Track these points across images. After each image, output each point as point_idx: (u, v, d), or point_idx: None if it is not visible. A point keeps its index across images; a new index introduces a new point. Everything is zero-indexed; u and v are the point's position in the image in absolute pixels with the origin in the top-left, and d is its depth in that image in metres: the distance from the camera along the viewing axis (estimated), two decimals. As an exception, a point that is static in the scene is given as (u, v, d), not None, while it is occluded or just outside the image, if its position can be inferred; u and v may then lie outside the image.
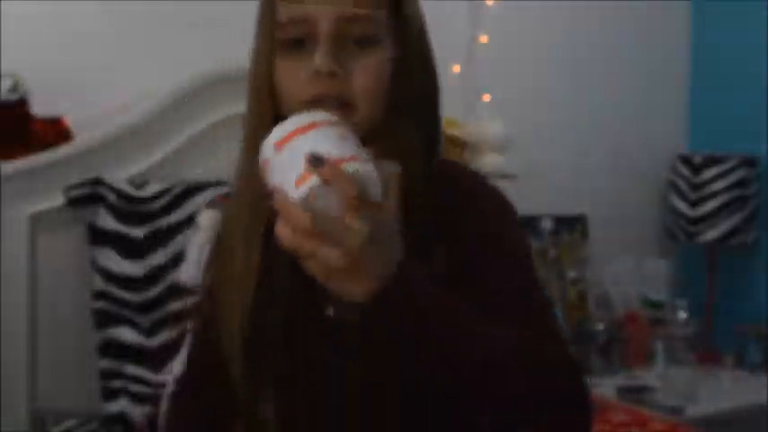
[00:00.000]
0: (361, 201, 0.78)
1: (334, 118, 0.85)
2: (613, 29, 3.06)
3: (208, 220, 2.04)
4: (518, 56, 2.85)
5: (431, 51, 1.04)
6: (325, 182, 0.77)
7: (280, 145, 0.81)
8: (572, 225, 2.91)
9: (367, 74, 0.96)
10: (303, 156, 0.78)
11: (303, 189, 0.77)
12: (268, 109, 0.99)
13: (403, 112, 0.99)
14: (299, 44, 0.97)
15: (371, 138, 0.94)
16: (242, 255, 1.00)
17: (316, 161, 0.77)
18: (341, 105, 0.95)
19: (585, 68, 3.02)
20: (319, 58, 0.94)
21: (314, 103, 0.94)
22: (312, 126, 0.81)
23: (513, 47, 2.82)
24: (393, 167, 0.83)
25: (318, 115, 0.84)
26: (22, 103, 2.06)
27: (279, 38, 0.98)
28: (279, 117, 0.93)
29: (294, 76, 0.96)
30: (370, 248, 0.79)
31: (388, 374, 0.93)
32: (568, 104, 3.00)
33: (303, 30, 0.96)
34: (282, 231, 0.79)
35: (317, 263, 0.79)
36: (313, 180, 0.77)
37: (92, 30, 2.20)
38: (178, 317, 2.07)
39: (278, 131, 0.82)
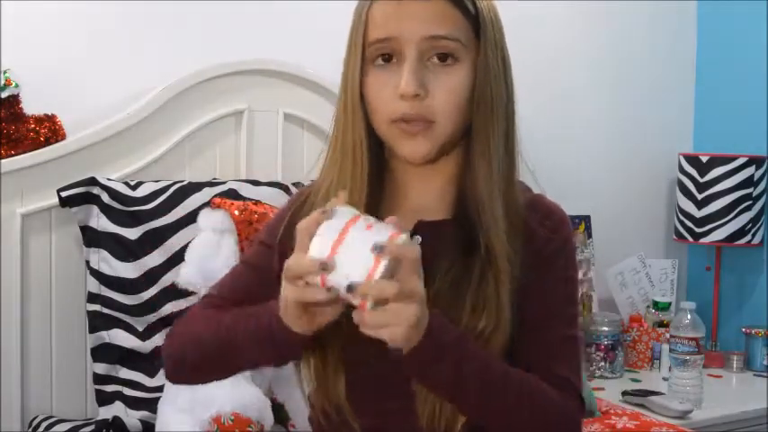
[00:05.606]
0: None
1: (349, 212, 0.95)
2: (618, 27, 3.03)
3: (208, 221, 2.01)
4: (521, 54, 2.81)
5: (509, 66, 1.15)
6: (394, 258, 0.90)
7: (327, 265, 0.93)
8: (576, 225, 2.88)
9: (448, 93, 1.05)
10: (363, 250, 0.91)
11: (381, 270, 0.91)
12: (359, 120, 1.08)
13: (483, 123, 1.09)
14: (388, 58, 1.06)
15: (453, 146, 1.09)
16: None
17: (378, 248, 0.91)
18: (423, 121, 1.05)
19: (589, 67, 2.98)
20: (404, 82, 1.03)
21: (399, 122, 1.04)
22: (342, 236, 0.92)
23: (516, 46, 2.78)
24: (406, 234, 0.93)
25: (336, 222, 0.94)
26: (13, 101, 2.03)
27: (369, 54, 1.06)
28: (369, 125, 1.07)
29: (381, 91, 1.05)
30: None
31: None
32: (572, 103, 2.97)
33: (390, 48, 1.05)
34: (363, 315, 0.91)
35: (399, 326, 0.91)
36: (384, 261, 0.91)
37: (85, 28, 2.18)
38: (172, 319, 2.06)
39: (316, 251, 0.93)
